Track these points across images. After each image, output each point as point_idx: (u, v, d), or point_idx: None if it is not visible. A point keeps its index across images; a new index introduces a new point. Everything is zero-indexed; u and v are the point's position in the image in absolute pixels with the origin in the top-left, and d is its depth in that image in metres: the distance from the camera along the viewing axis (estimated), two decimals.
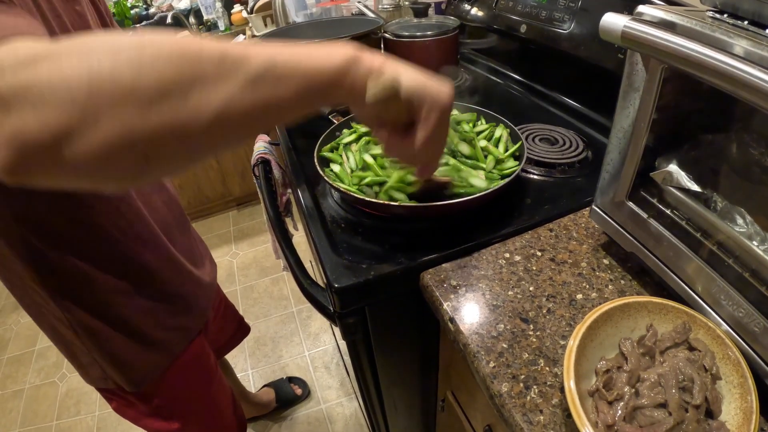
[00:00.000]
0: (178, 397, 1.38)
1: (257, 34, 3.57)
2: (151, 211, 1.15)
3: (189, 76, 0.50)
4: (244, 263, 3.77)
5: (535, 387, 0.80)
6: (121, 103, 0.47)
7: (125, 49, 0.48)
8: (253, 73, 0.53)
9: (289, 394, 2.69)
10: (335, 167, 1.22)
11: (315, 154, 1.22)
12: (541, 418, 0.76)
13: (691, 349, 0.77)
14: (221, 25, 4.16)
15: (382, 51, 1.86)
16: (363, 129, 1.33)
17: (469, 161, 1.17)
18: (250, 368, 2.95)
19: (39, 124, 0.45)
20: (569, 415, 0.74)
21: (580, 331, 0.75)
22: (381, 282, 1.02)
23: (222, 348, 1.90)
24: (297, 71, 0.57)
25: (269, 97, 0.55)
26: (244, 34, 3.85)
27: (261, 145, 1.63)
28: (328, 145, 1.31)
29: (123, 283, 1.10)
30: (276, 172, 1.62)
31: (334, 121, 1.39)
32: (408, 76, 0.67)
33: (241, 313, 2.10)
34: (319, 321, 3.16)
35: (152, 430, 1.44)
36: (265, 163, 1.59)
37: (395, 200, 1.09)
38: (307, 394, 2.73)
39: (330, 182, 1.12)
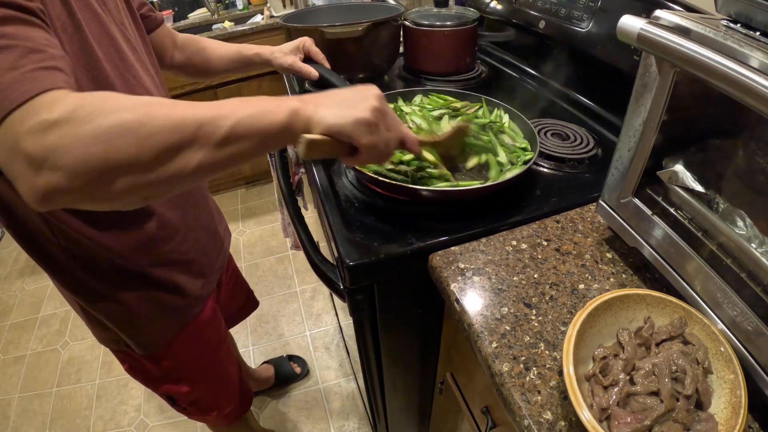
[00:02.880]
0: (187, 361, 1.41)
1: (275, 14, 3.58)
2: None
3: (176, 144, 0.67)
4: (251, 241, 3.78)
5: (534, 369, 0.83)
6: (128, 169, 0.64)
7: (129, 128, 0.64)
8: (222, 136, 0.71)
9: (288, 371, 2.71)
10: None
11: None
12: (539, 398, 0.79)
13: (686, 343, 0.79)
14: (239, 4, 4.15)
15: (402, 39, 1.88)
16: None
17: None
18: (251, 344, 2.98)
19: (64, 183, 0.61)
20: (566, 397, 0.77)
21: (580, 317, 0.78)
22: (391, 261, 1.05)
23: (230, 318, 1.91)
24: (254, 129, 0.74)
25: (234, 152, 0.73)
26: (262, 13, 3.85)
27: None
28: None
29: (135, 249, 1.13)
30: (290, 150, 1.64)
31: None
32: (331, 114, 0.83)
33: None
34: (322, 302, 3.18)
35: (162, 393, 1.47)
36: None
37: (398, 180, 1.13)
38: (305, 372, 2.75)
39: None
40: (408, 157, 1.17)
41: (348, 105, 0.85)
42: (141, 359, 1.33)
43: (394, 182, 1.09)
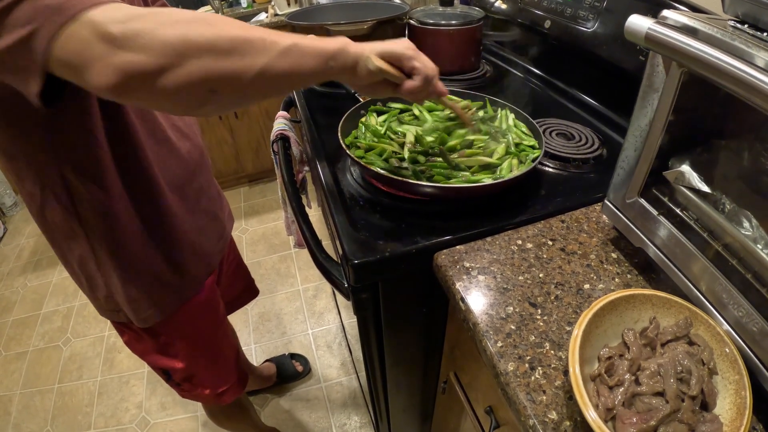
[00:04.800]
0: (184, 337, 1.44)
1: (279, 12, 3.58)
2: (176, 155, 1.22)
3: (245, 45, 0.76)
4: (253, 239, 3.78)
5: (539, 368, 0.83)
6: (203, 53, 0.72)
7: (206, 19, 0.74)
8: (284, 49, 0.80)
9: (290, 370, 2.71)
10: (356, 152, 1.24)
11: (339, 129, 1.25)
12: (544, 398, 0.79)
13: (691, 343, 0.79)
14: (243, 2, 4.15)
15: (406, 37, 1.88)
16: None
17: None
18: (253, 342, 2.98)
19: (145, 61, 0.69)
20: (571, 397, 0.78)
21: (586, 317, 0.78)
22: (396, 259, 1.05)
23: (229, 304, 1.92)
24: (310, 49, 0.84)
25: (293, 64, 0.82)
26: (266, 12, 3.85)
27: (281, 122, 1.66)
28: (350, 136, 1.32)
29: (146, 225, 1.17)
30: (294, 149, 1.64)
31: (361, 99, 1.41)
32: (375, 48, 0.95)
33: None
34: (324, 300, 3.18)
35: (157, 367, 1.51)
36: (284, 139, 1.62)
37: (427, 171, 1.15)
38: (307, 371, 2.75)
39: (353, 157, 1.15)
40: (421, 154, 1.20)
41: (388, 42, 0.98)
42: (140, 332, 1.36)
43: (398, 178, 1.09)
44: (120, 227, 1.13)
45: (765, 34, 0.68)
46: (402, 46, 0.99)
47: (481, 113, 1.38)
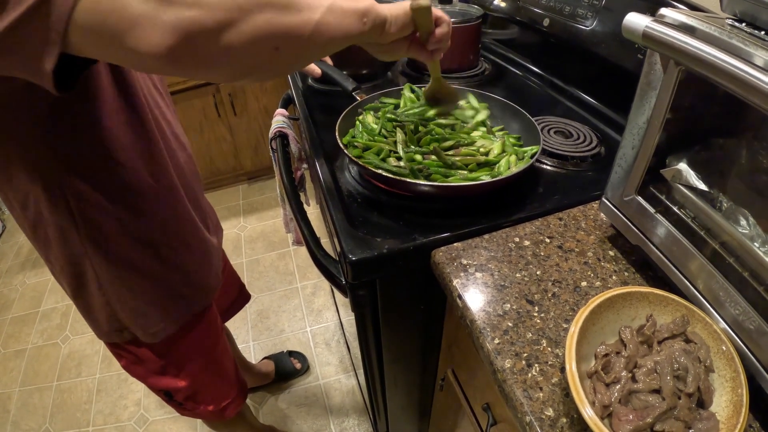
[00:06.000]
0: (186, 356, 1.41)
1: None
2: (175, 167, 1.18)
3: (299, 2, 0.74)
4: (252, 237, 3.79)
5: (536, 365, 0.83)
6: (264, 7, 0.68)
7: None
8: (328, 6, 0.78)
9: (288, 367, 2.71)
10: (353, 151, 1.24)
11: (336, 128, 1.25)
12: (541, 395, 0.79)
13: (688, 341, 0.79)
14: None
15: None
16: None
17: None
18: (251, 340, 2.98)
19: (204, 16, 0.63)
20: (567, 394, 0.78)
21: (583, 314, 0.78)
22: (394, 256, 1.05)
23: (224, 313, 1.92)
24: (347, 8, 0.83)
25: (339, 21, 0.81)
26: None
27: (280, 119, 1.65)
28: (347, 135, 1.32)
29: (155, 234, 1.13)
30: (293, 146, 1.64)
31: (358, 98, 1.41)
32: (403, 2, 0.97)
33: (246, 284, 2.11)
34: (323, 298, 3.18)
35: (159, 388, 1.46)
36: (282, 136, 1.62)
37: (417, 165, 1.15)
38: (306, 368, 2.76)
39: (351, 156, 1.15)
40: (419, 158, 1.19)
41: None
42: (140, 353, 1.31)
43: (395, 177, 1.09)
44: (132, 239, 1.09)
45: (763, 32, 0.68)
46: None
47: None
